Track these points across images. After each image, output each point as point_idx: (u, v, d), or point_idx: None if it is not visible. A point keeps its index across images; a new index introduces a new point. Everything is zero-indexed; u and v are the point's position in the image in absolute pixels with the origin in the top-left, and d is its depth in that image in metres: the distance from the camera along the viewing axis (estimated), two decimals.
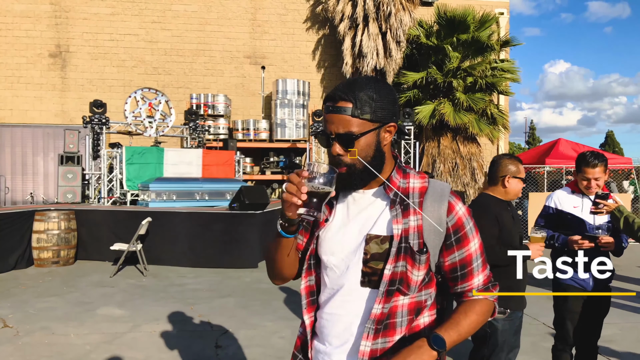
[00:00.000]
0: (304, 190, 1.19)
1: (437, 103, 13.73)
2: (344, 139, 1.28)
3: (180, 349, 4.44)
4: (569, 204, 3.26)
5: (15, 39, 14.32)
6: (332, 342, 1.36)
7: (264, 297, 6.30)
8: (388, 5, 13.87)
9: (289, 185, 1.21)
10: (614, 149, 45.44)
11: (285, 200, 1.22)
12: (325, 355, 1.37)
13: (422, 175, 1.39)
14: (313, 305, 1.41)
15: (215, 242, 8.35)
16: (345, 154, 1.29)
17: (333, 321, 1.36)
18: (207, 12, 15.06)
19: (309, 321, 1.41)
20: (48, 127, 14.16)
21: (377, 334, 1.29)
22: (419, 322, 1.34)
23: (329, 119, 1.30)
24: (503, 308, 2.80)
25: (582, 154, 3.23)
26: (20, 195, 13.87)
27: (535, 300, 6.13)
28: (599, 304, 3.22)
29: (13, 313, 5.48)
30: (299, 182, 1.20)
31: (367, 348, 1.29)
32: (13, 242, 7.82)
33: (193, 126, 12.77)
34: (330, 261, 1.36)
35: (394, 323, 1.30)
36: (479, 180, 13.66)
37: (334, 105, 1.29)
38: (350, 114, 1.28)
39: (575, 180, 3.33)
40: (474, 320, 1.33)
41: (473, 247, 1.34)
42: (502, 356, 2.83)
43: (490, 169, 3.02)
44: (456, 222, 1.32)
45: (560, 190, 3.39)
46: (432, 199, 1.32)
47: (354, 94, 1.28)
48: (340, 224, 1.37)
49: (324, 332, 1.38)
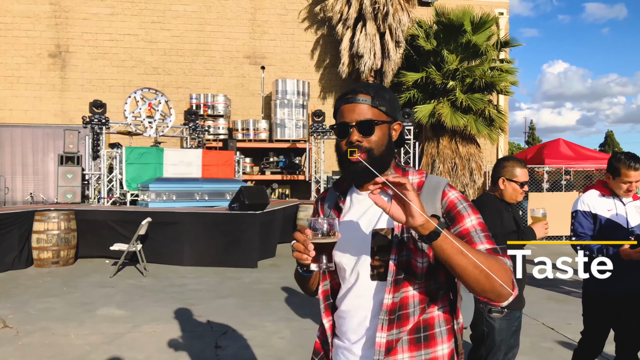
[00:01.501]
0: (310, 248, 1.26)
1: (436, 103, 13.74)
2: (364, 125, 1.37)
3: (180, 350, 4.45)
4: (602, 207, 3.15)
5: (15, 39, 14.33)
6: (350, 338, 1.42)
7: (264, 297, 6.31)
8: (385, 5, 13.88)
9: (297, 245, 1.29)
10: (613, 149, 45.51)
11: (296, 258, 1.30)
12: (346, 351, 1.43)
13: (420, 172, 1.45)
14: (330, 308, 1.49)
15: (215, 243, 8.35)
16: (363, 141, 1.37)
17: (348, 318, 1.42)
18: (206, 12, 15.07)
19: (329, 325, 1.49)
20: (48, 127, 14.16)
21: (392, 324, 1.33)
22: (433, 313, 1.37)
23: (349, 109, 1.40)
24: (500, 307, 2.81)
25: (618, 157, 3.10)
26: (20, 196, 13.88)
27: (535, 301, 6.14)
28: (636, 311, 3.06)
29: (13, 313, 5.49)
30: (304, 241, 1.27)
31: (382, 339, 1.33)
32: (13, 242, 7.82)
33: (193, 126, 12.77)
34: (342, 262, 1.43)
35: (407, 314, 1.34)
36: (477, 180, 13.68)
37: (355, 97, 1.40)
38: (370, 104, 1.39)
39: (600, 183, 3.24)
40: (487, 256, 1.24)
41: (469, 222, 1.33)
42: (500, 356, 2.84)
43: (493, 169, 3.06)
44: (448, 204, 1.36)
45: (588, 194, 3.24)
46: (427, 192, 1.39)
47: (372, 89, 1.42)
48: (348, 226, 1.43)
49: (342, 329, 1.45)
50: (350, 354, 1.42)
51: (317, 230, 1.28)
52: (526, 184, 2.93)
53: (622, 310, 3.10)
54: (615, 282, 2.82)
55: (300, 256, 1.28)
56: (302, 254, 1.27)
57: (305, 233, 1.27)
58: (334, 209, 1.50)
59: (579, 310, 3.33)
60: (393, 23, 14.00)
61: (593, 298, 3.17)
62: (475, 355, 2.93)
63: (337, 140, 1.43)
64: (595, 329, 3.21)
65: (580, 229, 3.18)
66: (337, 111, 1.45)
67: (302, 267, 1.37)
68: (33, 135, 14.14)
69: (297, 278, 1.55)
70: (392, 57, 14.16)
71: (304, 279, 1.49)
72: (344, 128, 1.39)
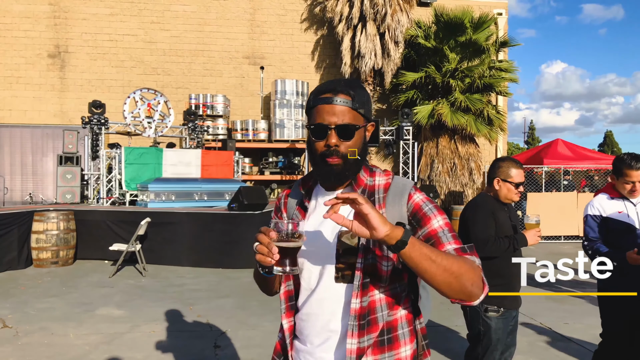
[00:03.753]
0: (274, 250, 1.20)
1: (435, 103, 13.76)
2: (344, 129, 1.32)
3: (179, 349, 4.46)
4: (612, 209, 3.14)
5: (14, 40, 14.33)
6: (313, 342, 1.39)
7: (263, 297, 6.28)
8: (384, 6, 13.90)
9: (260, 247, 1.22)
10: (612, 149, 45.52)
11: (259, 261, 1.23)
12: (307, 354, 1.40)
13: (387, 173, 1.44)
14: (292, 309, 1.45)
15: (214, 243, 8.36)
16: (341, 145, 1.33)
17: (311, 321, 1.39)
18: (206, 12, 15.07)
19: (288, 325, 1.45)
20: (47, 127, 14.15)
21: (362, 330, 1.31)
22: (396, 315, 1.37)
23: (328, 110, 1.33)
24: (497, 306, 2.83)
25: (620, 158, 3.13)
26: (19, 196, 13.87)
27: (533, 300, 6.15)
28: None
29: (12, 313, 5.50)
30: (268, 244, 1.21)
31: (353, 346, 1.30)
32: (12, 242, 7.84)
33: (192, 126, 12.78)
34: (305, 263, 1.40)
35: (375, 319, 1.33)
36: (477, 180, 13.69)
37: (335, 97, 1.33)
38: (351, 106, 1.33)
39: (610, 185, 3.24)
40: (456, 259, 1.22)
41: (436, 223, 1.32)
42: (497, 355, 2.86)
43: (488, 170, 3.07)
44: (414, 207, 1.35)
45: (599, 197, 3.24)
46: (394, 194, 1.37)
47: (352, 89, 1.35)
48: (314, 227, 1.41)
49: (303, 332, 1.42)
50: (312, 358, 1.38)
51: (281, 232, 1.22)
52: (522, 184, 2.94)
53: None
54: (632, 282, 2.84)
55: (263, 259, 1.22)
56: (265, 257, 1.21)
57: (269, 235, 1.22)
58: (299, 208, 1.47)
59: (576, 310, 3.34)
60: (392, 23, 14.01)
61: (610, 299, 3.12)
62: (472, 354, 2.95)
63: (312, 140, 1.36)
64: (614, 330, 3.16)
65: (591, 233, 3.18)
66: (312, 108, 1.36)
67: (263, 269, 1.33)
68: (32, 135, 14.13)
69: (256, 278, 1.50)
70: (392, 57, 14.18)
71: (266, 280, 1.46)
72: (322, 130, 1.33)
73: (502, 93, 14.85)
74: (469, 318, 2.96)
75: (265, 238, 1.22)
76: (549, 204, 11.46)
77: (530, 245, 2.92)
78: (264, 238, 1.22)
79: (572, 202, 11.54)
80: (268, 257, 1.21)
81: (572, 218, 11.46)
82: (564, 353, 4.47)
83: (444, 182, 13.54)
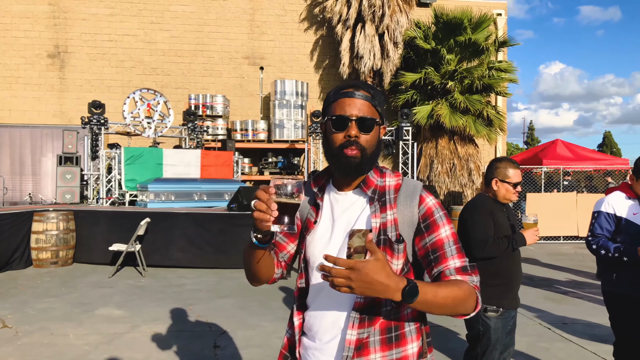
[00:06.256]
0: (273, 207, 1.20)
1: (434, 104, 13.77)
2: (364, 122, 1.37)
3: (179, 349, 4.46)
4: (628, 210, 3.05)
5: (14, 40, 14.33)
6: (322, 338, 1.41)
7: (262, 297, 6.32)
8: (382, 7, 13.91)
9: (258, 203, 1.21)
10: (611, 150, 45.55)
11: (256, 218, 1.22)
12: (316, 351, 1.42)
13: (397, 174, 1.47)
14: (303, 307, 1.48)
15: (214, 243, 8.37)
16: (360, 137, 1.37)
17: (320, 317, 1.41)
18: (205, 12, 15.08)
19: (298, 322, 1.47)
20: (47, 127, 14.16)
21: (362, 322, 1.33)
22: (403, 313, 1.39)
23: (350, 103, 1.38)
24: (496, 306, 2.84)
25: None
26: (18, 196, 13.88)
27: (532, 300, 6.16)
28: None
29: (12, 313, 5.50)
30: (267, 200, 1.20)
31: (353, 337, 1.33)
32: (12, 242, 7.83)
33: (191, 127, 12.78)
34: (317, 261, 1.40)
35: (379, 312, 1.35)
36: (476, 181, 13.70)
37: (356, 92, 1.39)
38: (371, 102, 1.40)
39: (625, 185, 3.18)
40: (454, 291, 1.27)
41: (444, 233, 1.37)
42: (496, 355, 2.86)
43: (486, 170, 3.08)
44: (426, 211, 1.39)
45: (614, 196, 3.15)
46: (405, 194, 1.41)
47: (372, 89, 1.42)
48: (327, 225, 1.44)
49: (312, 329, 1.44)
50: (321, 354, 1.40)
51: (280, 190, 1.21)
52: (519, 184, 2.94)
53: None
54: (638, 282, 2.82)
55: (262, 216, 1.20)
56: (264, 213, 1.20)
57: (269, 192, 1.21)
58: (312, 206, 1.48)
59: (575, 310, 3.33)
60: (391, 24, 14.02)
61: (619, 300, 3.03)
62: (471, 354, 2.95)
63: (331, 132, 1.39)
64: (626, 333, 3.04)
65: (598, 230, 3.11)
66: (332, 103, 1.41)
67: (259, 233, 1.28)
68: (32, 135, 14.14)
69: (246, 254, 1.44)
70: (391, 57, 14.19)
71: (254, 255, 1.39)
72: (343, 121, 1.37)
73: (501, 93, 14.86)
74: (468, 318, 2.96)
75: (264, 195, 1.21)
76: (548, 204, 11.48)
77: (529, 244, 2.94)
78: (263, 195, 1.21)
79: (571, 203, 11.55)
80: (267, 214, 1.20)
81: (572, 219, 11.48)
82: (563, 353, 4.48)
83: (443, 183, 13.55)
